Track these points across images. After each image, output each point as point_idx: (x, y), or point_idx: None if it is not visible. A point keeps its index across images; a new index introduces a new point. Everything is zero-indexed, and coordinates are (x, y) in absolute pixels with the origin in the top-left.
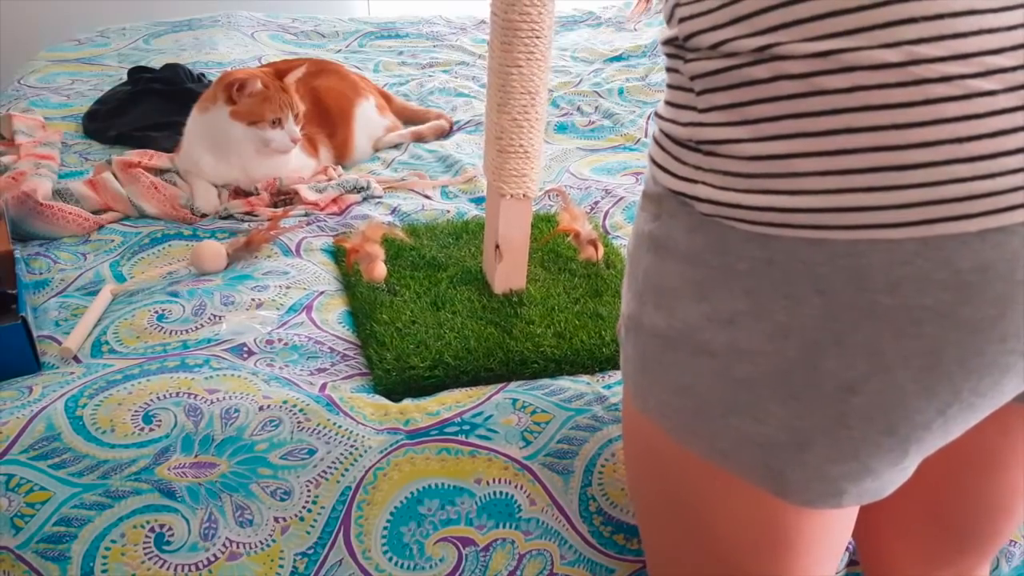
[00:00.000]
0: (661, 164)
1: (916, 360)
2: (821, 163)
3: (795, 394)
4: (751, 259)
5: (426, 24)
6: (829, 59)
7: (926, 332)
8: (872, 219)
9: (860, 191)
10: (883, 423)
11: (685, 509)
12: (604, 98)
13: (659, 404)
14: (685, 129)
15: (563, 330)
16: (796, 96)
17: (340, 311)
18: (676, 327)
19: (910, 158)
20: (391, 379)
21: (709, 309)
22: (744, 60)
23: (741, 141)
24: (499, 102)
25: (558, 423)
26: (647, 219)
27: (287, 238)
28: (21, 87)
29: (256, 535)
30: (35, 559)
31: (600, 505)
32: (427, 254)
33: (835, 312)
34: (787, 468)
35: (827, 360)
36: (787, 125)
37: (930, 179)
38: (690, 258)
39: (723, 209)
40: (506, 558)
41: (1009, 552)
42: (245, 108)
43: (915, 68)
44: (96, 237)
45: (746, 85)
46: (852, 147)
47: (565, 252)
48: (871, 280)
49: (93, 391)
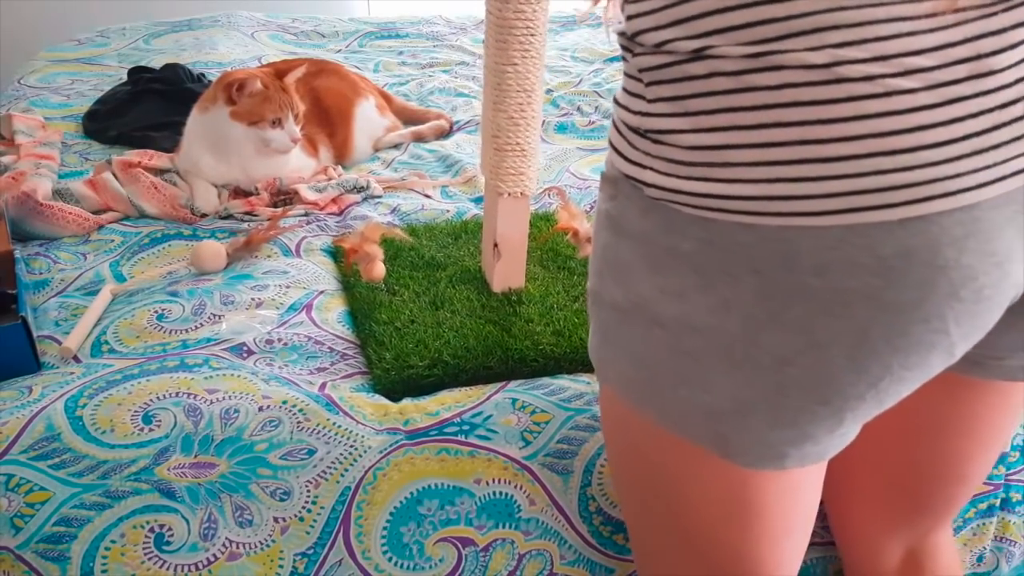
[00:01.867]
0: (617, 148)
1: (845, 338)
2: (753, 154)
3: (737, 365)
4: (695, 239)
5: (426, 24)
6: (760, 59)
7: (854, 313)
8: (800, 207)
9: (788, 181)
10: (817, 394)
11: (657, 481)
12: (604, 98)
13: (618, 375)
14: (636, 117)
15: (562, 328)
16: (730, 92)
17: (340, 310)
18: (632, 300)
19: (834, 151)
20: (390, 378)
21: (662, 282)
22: (683, 58)
23: (683, 132)
24: (495, 100)
25: (557, 423)
26: (604, 199)
27: (287, 238)
28: (21, 87)
29: (256, 535)
30: (35, 559)
31: (600, 505)
32: (426, 254)
33: (769, 291)
34: (731, 433)
35: (764, 334)
36: (722, 118)
37: (853, 171)
38: (642, 237)
39: (667, 194)
40: (506, 558)
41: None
42: (245, 108)
43: (839, 68)
44: (96, 237)
45: (686, 80)
46: (781, 140)
47: (564, 250)
48: (800, 263)
49: (93, 391)
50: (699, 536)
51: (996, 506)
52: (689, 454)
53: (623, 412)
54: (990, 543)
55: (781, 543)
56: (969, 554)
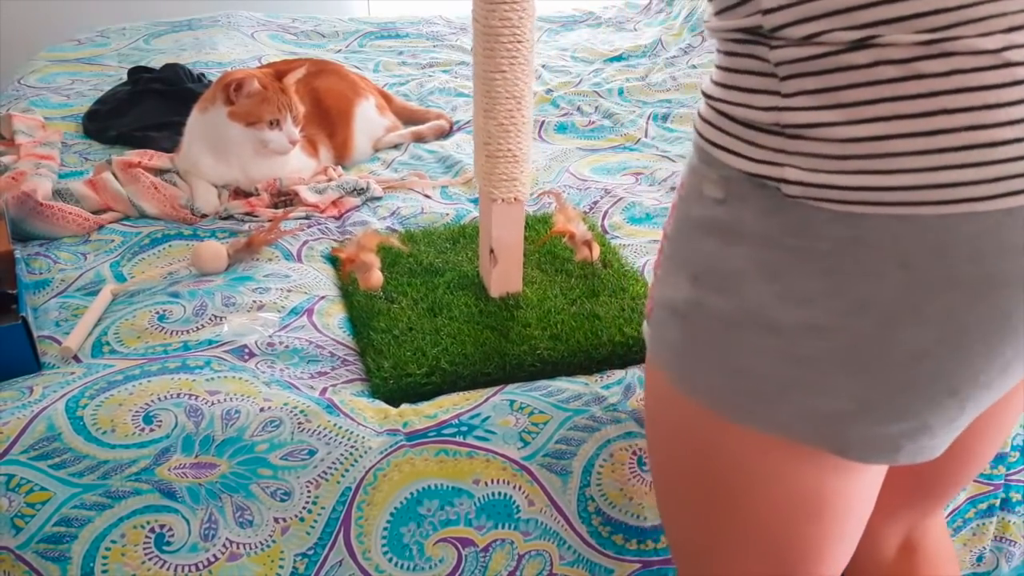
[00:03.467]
0: (728, 148)
1: (987, 323)
2: (917, 143)
3: (864, 366)
4: (835, 239)
5: (426, 24)
6: (931, 47)
7: (1001, 295)
8: (964, 194)
9: (953, 168)
10: (947, 385)
11: (717, 480)
12: (604, 98)
13: (709, 386)
14: (765, 113)
15: (559, 332)
16: (895, 80)
17: (340, 316)
18: (742, 308)
19: (1000, 135)
20: (388, 387)
21: (781, 289)
22: (840, 48)
23: (833, 124)
24: (485, 107)
25: (556, 424)
26: (705, 204)
27: (288, 241)
28: (21, 87)
29: (256, 536)
30: (35, 559)
31: (599, 505)
32: (424, 260)
33: (916, 283)
34: (850, 430)
35: (902, 330)
36: (884, 108)
37: (1017, 154)
38: (763, 240)
39: (812, 190)
40: (505, 558)
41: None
42: (243, 109)
43: (1007, 53)
44: (96, 237)
45: (842, 71)
46: (947, 127)
47: (561, 253)
48: (956, 250)
49: (94, 392)
50: (762, 536)
51: (996, 506)
52: (775, 455)
53: (691, 418)
54: (990, 543)
55: (844, 541)
56: (969, 554)
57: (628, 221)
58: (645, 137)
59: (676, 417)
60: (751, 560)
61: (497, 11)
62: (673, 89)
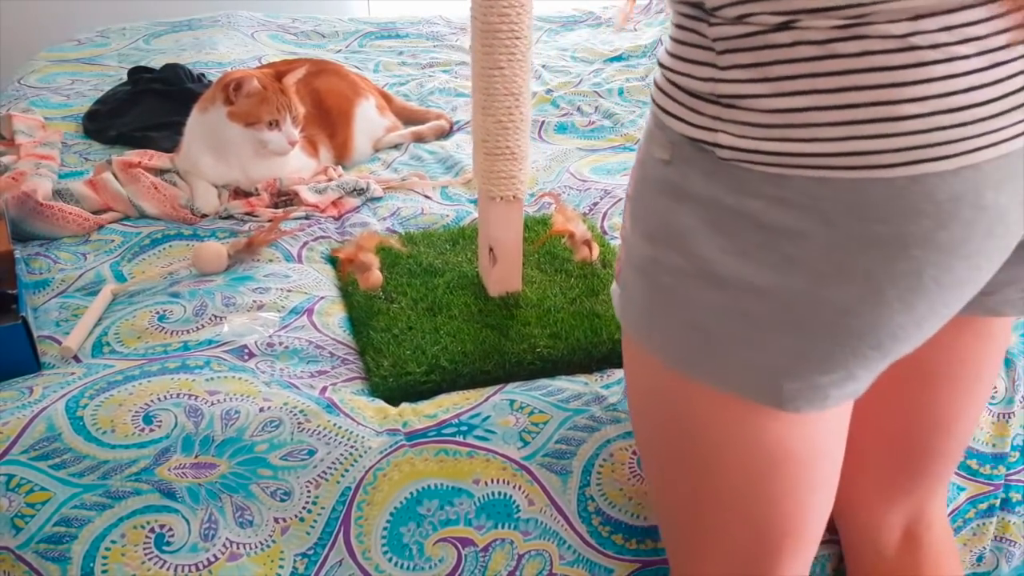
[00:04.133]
0: (674, 114)
1: (903, 281)
2: (832, 115)
3: (797, 323)
4: (766, 197)
5: (426, 24)
6: (845, 30)
7: (912, 255)
8: (872, 161)
9: (863, 138)
10: (872, 339)
11: (689, 441)
12: (604, 98)
13: (664, 340)
14: (703, 84)
15: (559, 330)
16: (814, 59)
17: (340, 316)
18: (691, 263)
19: (904, 111)
20: (388, 385)
21: (724, 242)
22: (766, 28)
23: (761, 96)
24: (483, 105)
25: (556, 423)
26: (656, 164)
27: (288, 242)
28: (21, 87)
29: (256, 536)
30: (35, 559)
31: (599, 505)
32: (424, 261)
33: (838, 242)
34: (785, 384)
35: (829, 288)
36: (804, 83)
37: (920, 127)
38: (707, 198)
39: (742, 155)
40: (505, 558)
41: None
42: (242, 109)
43: (912, 38)
44: (96, 237)
45: (768, 48)
46: (858, 102)
47: (561, 253)
48: (869, 212)
49: (94, 392)
50: (739, 494)
51: (996, 506)
52: (734, 411)
53: (655, 375)
54: (990, 543)
55: (817, 490)
56: (969, 554)
57: None
58: None
59: (646, 378)
60: (734, 525)
61: (495, 8)
62: None
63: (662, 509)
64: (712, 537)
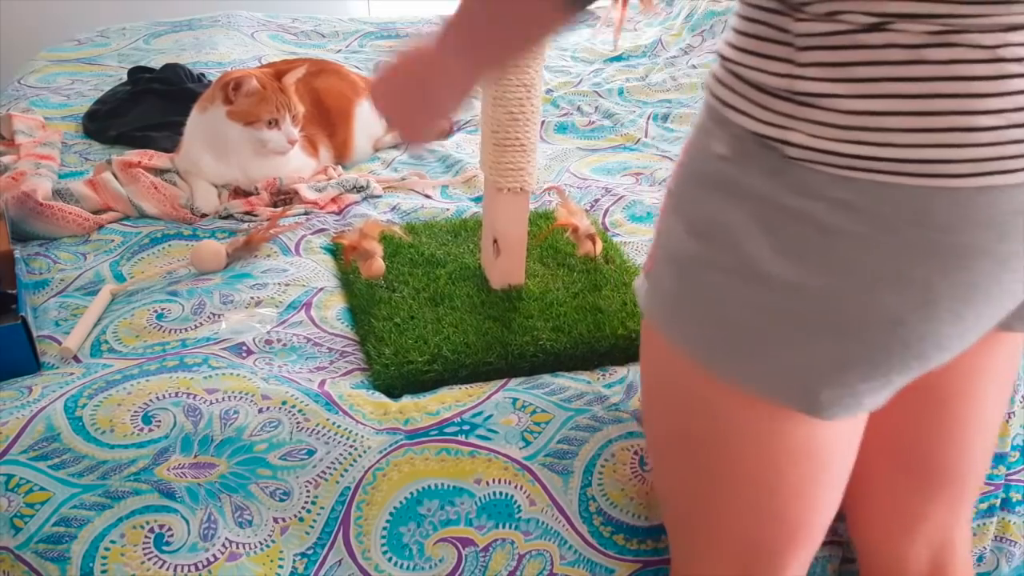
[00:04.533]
0: (739, 108)
1: (958, 291)
2: (910, 121)
3: (845, 328)
4: (828, 199)
5: (426, 24)
6: (938, 37)
7: (970, 266)
8: (941, 170)
9: (937, 147)
10: (918, 348)
11: (708, 436)
12: (604, 98)
13: (696, 336)
14: (778, 79)
15: (562, 324)
16: (902, 63)
17: (339, 308)
18: (737, 259)
19: (981, 122)
20: (389, 374)
21: (776, 242)
22: (857, 28)
23: (841, 96)
24: (494, 96)
25: (558, 423)
26: (710, 159)
27: (286, 237)
28: (21, 87)
29: (255, 535)
30: (34, 559)
31: (600, 505)
32: (426, 251)
33: (898, 248)
34: (823, 390)
35: (883, 294)
36: (889, 86)
37: (993, 140)
38: (765, 196)
39: (812, 154)
40: (506, 558)
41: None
42: (242, 108)
43: (1001, 50)
44: (96, 237)
45: (856, 48)
46: (938, 109)
47: (564, 247)
48: (933, 220)
49: (93, 391)
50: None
51: (996, 506)
52: (760, 410)
53: (686, 373)
54: (990, 543)
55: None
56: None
57: (629, 219)
58: (645, 137)
59: (667, 372)
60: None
61: None
62: (673, 89)
63: (669, 504)
64: (718, 533)
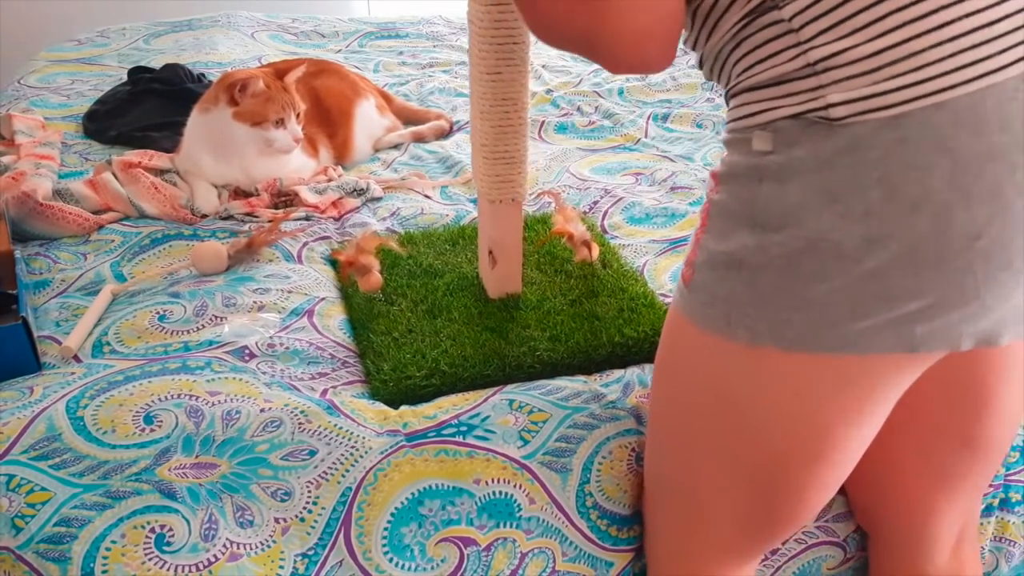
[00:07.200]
0: (772, 106)
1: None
2: (930, 39)
3: (926, 263)
4: (883, 144)
5: (426, 24)
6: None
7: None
8: (982, 69)
9: (965, 51)
10: (1003, 258)
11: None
12: (604, 98)
13: (775, 325)
14: (791, 63)
15: (559, 333)
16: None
17: (341, 318)
18: (806, 238)
19: (994, 14)
20: (388, 389)
21: (842, 208)
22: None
23: (855, 47)
24: (481, 110)
25: (555, 422)
26: (751, 158)
27: (288, 242)
28: (21, 87)
29: (256, 536)
30: (35, 559)
31: (596, 500)
32: (424, 262)
33: (961, 165)
34: (917, 327)
35: (956, 217)
36: (891, 20)
37: (1013, 26)
38: (819, 167)
39: (859, 104)
40: (508, 557)
41: (1009, 552)
42: (248, 109)
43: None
44: (96, 237)
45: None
46: (948, 19)
47: (561, 253)
48: (988, 124)
49: (94, 392)
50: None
51: (995, 506)
52: (829, 377)
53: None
54: (989, 543)
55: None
56: None
57: (628, 221)
58: (645, 137)
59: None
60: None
61: (492, 13)
62: (673, 89)
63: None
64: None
